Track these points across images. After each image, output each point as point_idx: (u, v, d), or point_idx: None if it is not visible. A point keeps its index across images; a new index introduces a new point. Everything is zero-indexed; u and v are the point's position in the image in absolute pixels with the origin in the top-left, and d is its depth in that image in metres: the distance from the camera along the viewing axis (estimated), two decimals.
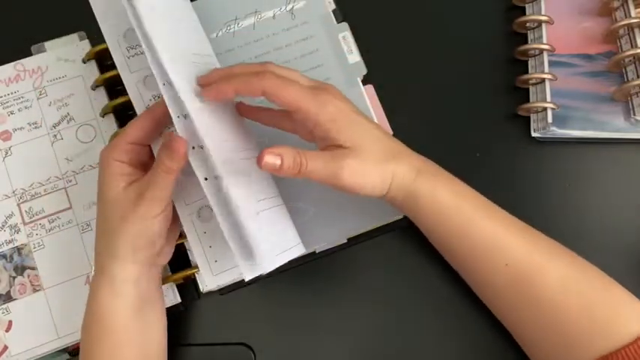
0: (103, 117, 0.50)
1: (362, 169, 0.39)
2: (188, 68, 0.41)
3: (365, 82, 0.50)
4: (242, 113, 0.44)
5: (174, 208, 0.43)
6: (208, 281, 0.45)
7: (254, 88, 0.38)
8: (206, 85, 0.40)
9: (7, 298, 0.47)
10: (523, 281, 0.40)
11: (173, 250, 0.44)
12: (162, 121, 0.42)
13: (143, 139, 0.42)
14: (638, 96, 0.48)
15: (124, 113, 0.51)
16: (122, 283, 0.40)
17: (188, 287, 0.48)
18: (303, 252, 0.44)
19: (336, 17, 0.51)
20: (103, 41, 0.50)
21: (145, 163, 0.43)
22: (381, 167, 0.40)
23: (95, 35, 0.51)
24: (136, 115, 0.45)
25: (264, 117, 0.44)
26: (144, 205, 0.39)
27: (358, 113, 0.41)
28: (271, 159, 0.37)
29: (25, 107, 0.50)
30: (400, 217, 0.48)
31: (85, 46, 0.51)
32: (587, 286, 0.40)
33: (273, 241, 0.41)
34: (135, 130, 0.42)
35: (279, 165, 0.37)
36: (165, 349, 0.44)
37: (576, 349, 0.39)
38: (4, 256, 0.48)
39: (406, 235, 0.49)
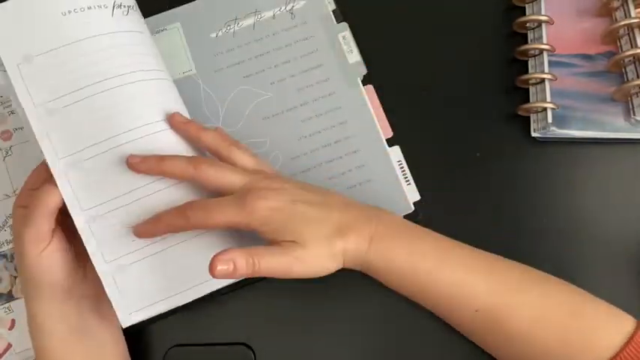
0: None
1: (311, 258, 0.39)
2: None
3: (365, 82, 0.50)
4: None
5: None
6: (123, 318, 0.41)
7: (182, 226, 0.40)
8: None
9: (9, 297, 0.47)
10: (495, 323, 0.40)
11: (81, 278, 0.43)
12: None
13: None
14: (638, 96, 0.48)
15: None
16: (45, 321, 0.41)
17: None
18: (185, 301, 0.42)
19: (336, 17, 0.51)
20: None
21: None
22: (329, 250, 0.40)
23: None
24: None
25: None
26: (25, 241, 0.39)
27: (294, 201, 0.40)
28: (223, 265, 0.37)
29: None
30: (401, 216, 0.48)
31: None
32: (560, 316, 0.40)
33: (134, 296, 0.41)
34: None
35: (232, 270, 0.37)
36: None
37: None
38: (5, 256, 0.48)
39: None
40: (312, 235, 0.39)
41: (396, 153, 0.49)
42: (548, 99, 0.49)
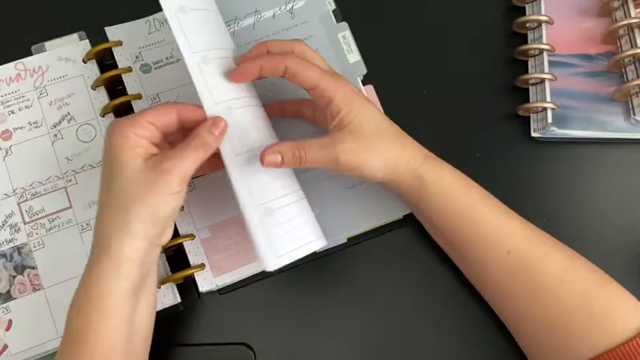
0: (104, 117, 0.50)
1: (362, 151, 0.41)
2: (218, 66, 0.41)
3: (365, 82, 0.50)
4: (270, 114, 0.44)
5: None
6: (270, 264, 0.39)
7: (277, 66, 0.40)
8: (238, 64, 0.42)
9: (7, 297, 0.47)
10: (524, 270, 0.41)
11: (172, 231, 0.42)
12: (185, 120, 0.41)
13: (162, 125, 0.40)
14: (638, 96, 0.48)
15: (124, 113, 0.51)
16: (128, 262, 0.38)
17: (188, 287, 0.48)
18: (323, 245, 0.43)
19: (335, 17, 0.51)
20: (103, 41, 0.51)
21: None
22: (385, 151, 0.42)
23: (95, 35, 0.52)
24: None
25: (288, 109, 0.47)
26: (168, 179, 0.37)
27: (370, 102, 0.43)
28: (272, 157, 0.39)
29: (26, 107, 0.50)
30: (400, 217, 0.48)
31: (85, 46, 0.51)
32: (585, 279, 0.41)
33: (291, 236, 0.41)
34: (158, 113, 0.40)
35: (280, 161, 0.40)
36: (150, 336, 0.42)
37: (574, 344, 0.39)
38: (4, 256, 0.48)
39: (406, 235, 0.49)
40: (375, 129, 0.41)
41: None
42: (548, 99, 0.49)
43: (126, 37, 0.51)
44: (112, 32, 0.51)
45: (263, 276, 0.47)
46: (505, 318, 0.44)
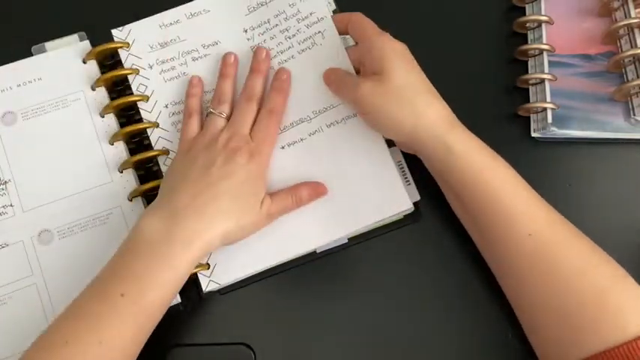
0: (103, 117, 0.50)
1: (380, 94, 0.43)
2: None
3: None
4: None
5: None
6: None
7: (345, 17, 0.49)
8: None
9: None
10: (544, 255, 0.40)
11: None
12: None
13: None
14: (638, 96, 0.48)
15: (124, 113, 0.51)
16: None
17: (188, 287, 0.48)
18: None
19: None
20: (103, 42, 0.51)
21: None
22: (405, 103, 0.43)
23: (95, 35, 0.52)
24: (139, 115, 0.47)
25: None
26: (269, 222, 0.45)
27: (409, 61, 0.45)
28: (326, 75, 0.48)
29: None
30: (401, 217, 0.48)
31: (86, 46, 0.51)
32: (604, 272, 0.40)
33: None
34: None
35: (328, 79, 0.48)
36: None
37: (584, 337, 0.38)
38: None
39: (407, 235, 0.49)
40: (398, 82, 0.43)
41: (396, 153, 0.49)
42: (548, 99, 0.49)
43: (135, 38, 0.51)
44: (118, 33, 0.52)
45: (263, 276, 0.47)
46: (517, 306, 0.43)
